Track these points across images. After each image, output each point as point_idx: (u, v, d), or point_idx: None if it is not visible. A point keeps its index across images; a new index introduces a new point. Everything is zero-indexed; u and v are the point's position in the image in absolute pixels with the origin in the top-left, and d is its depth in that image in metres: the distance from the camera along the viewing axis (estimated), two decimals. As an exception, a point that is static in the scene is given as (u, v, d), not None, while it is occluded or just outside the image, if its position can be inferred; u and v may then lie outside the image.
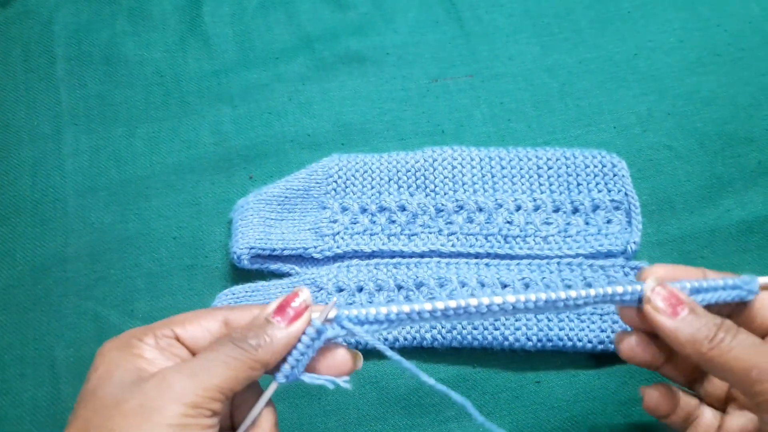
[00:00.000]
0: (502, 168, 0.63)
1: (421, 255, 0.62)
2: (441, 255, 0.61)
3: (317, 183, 0.64)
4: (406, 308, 0.40)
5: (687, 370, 0.47)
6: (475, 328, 0.57)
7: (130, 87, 0.71)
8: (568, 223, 0.61)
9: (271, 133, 0.69)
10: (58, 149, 0.68)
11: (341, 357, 0.41)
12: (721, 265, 0.62)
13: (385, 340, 0.58)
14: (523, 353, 0.59)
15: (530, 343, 0.57)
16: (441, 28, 0.74)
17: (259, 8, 0.75)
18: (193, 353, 0.40)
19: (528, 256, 0.60)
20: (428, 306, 0.40)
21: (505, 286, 0.59)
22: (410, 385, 0.59)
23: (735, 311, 0.44)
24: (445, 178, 0.63)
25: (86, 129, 0.69)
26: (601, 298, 0.42)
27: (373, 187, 0.63)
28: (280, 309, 0.40)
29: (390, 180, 0.63)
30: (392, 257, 0.62)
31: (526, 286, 0.59)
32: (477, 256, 0.61)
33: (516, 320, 0.57)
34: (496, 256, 0.61)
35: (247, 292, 0.60)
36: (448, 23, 0.74)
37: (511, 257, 0.61)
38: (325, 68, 0.72)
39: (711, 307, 0.42)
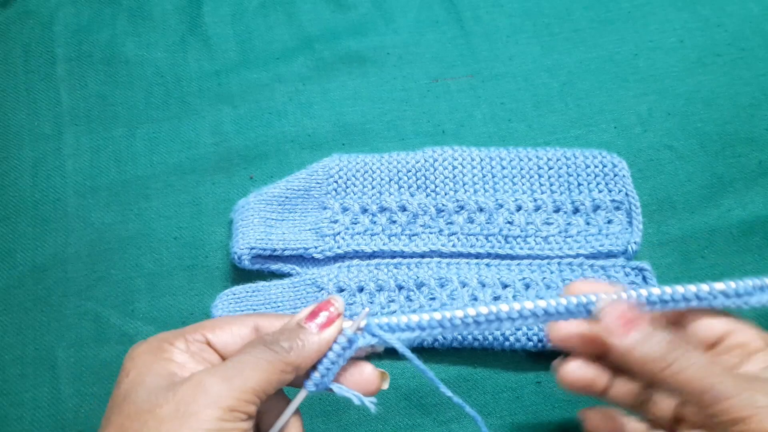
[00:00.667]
0: (503, 168, 0.63)
1: (422, 255, 0.61)
2: (442, 255, 0.61)
3: (318, 183, 0.64)
4: (437, 315, 0.40)
5: (630, 393, 0.46)
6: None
7: (130, 87, 0.71)
8: (568, 224, 0.61)
9: (271, 134, 0.69)
10: (58, 149, 0.68)
11: (368, 374, 0.41)
12: (722, 265, 0.62)
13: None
14: (523, 353, 0.59)
15: (531, 344, 0.57)
16: (441, 28, 0.74)
17: (260, 8, 0.75)
18: (224, 359, 0.40)
19: (529, 257, 0.60)
20: (459, 313, 0.40)
21: (505, 286, 0.59)
22: (411, 386, 0.59)
23: (678, 319, 0.44)
24: (445, 178, 0.63)
25: (87, 129, 0.69)
26: (553, 310, 0.41)
27: (373, 188, 0.63)
28: (313, 315, 0.40)
29: (390, 180, 0.63)
30: (393, 257, 0.62)
31: (527, 286, 0.59)
32: (478, 256, 0.61)
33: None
34: (497, 256, 0.61)
35: (247, 292, 0.60)
36: (449, 23, 0.74)
37: (512, 257, 0.61)
38: (325, 68, 0.72)
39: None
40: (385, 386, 0.42)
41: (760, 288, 0.42)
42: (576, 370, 0.44)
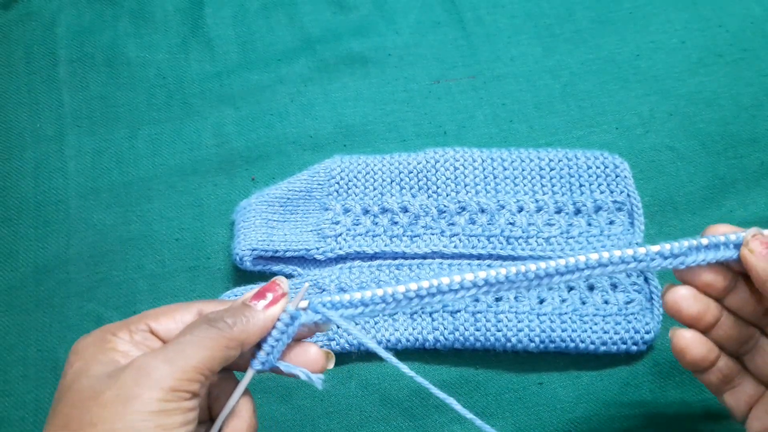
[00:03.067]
0: (505, 169, 0.63)
1: (424, 256, 0.61)
2: (443, 256, 0.61)
3: (319, 184, 0.64)
4: (379, 291, 0.41)
5: (738, 336, 0.45)
6: (477, 330, 0.57)
7: (132, 89, 0.71)
8: (570, 224, 0.61)
9: (273, 135, 0.69)
10: (60, 151, 0.68)
11: (314, 354, 0.42)
12: (724, 266, 0.62)
13: (387, 341, 0.58)
14: (525, 355, 0.59)
15: (533, 345, 0.57)
16: (442, 29, 0.74)
17: (261, 10, 0.75)
18: None
19: (530, 257, 0.60)
20: (401, 288, 0.41)
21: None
22: (413, 387, 0.59)
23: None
24: (447, 179, 0.63)
25: (89, 131, 0.69)
26: (493, 280, 0.41)
27: (375, 189, 0.63)
28: (258, 295, 0.41)
29: (392, 181, 0.63)
30: (394, 259, 0.62)
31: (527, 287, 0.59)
32: (479, 257, 0.61)
33: (519, 321, 0.57)
34: (499, 257, 0.61)
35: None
36: (450, 24, 0.74)
37: (514, 258, 0.61)
38: (326, 69, 0.72)
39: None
40: (330, 366, 0.43)
41: (696, 248, 0.42)
42: (687, 297, 0.44)
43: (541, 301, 0.58)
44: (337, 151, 0.67)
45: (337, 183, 0.63)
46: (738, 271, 0.44)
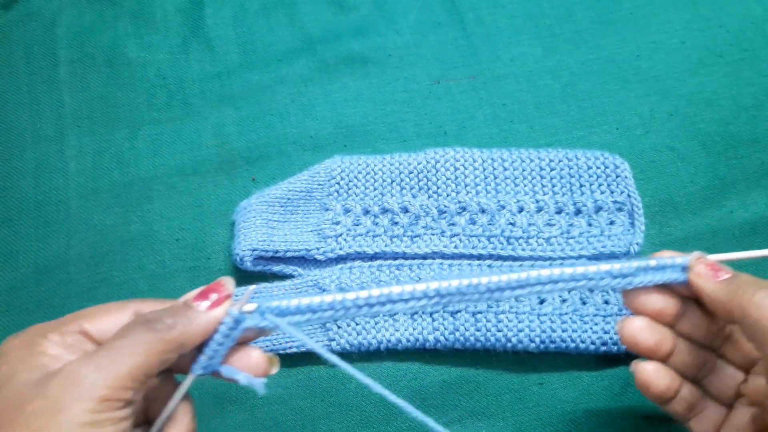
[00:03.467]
0: (505, 169, 0.63)
1: (424, 257, 0.62)
2: (443, 257, 0.61)
3: (319, 185, 0.64)
4: (328, 298, 0.40)
5: (695, 361, 0.45)
6: (477, 330, 0.57)
7: (132, 89, 0.71)
8: (570, 225, 0.61)
9: (273, 135, 0.69)
10: (61, 151, 0.68)
11: (255, 358, 0.40)
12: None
13: (388, 341, 0.58)
14: (525, 355, 0.59)
15: (533, 345, 0.57)
16: (443, 29, 0.74)
17: (261, 10, 0.75)
18: None
19: (531, 258, 0.60)
20: (351, 295, 0.40)
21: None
22: (414, 387, 0.59)
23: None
24: (447, 179, 0.63)
25: (89, 131, 0.69)
26: (452, 290, 0.41)
27: (375, 189, 0.63)
28: (201, 296, 0.39)
29: (392, 181, 0.63)
30: (395, 259, 0.62)
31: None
32: (480, 257, 0.61)
33: (519, 322, 0.57)
34: (499, 257, 0.61)
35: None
36: (450, 24, 0.74)
37: (514, 259, 0.61)
38: (327, 70, 0.72)
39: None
40: (274, 371, 0.41)
41: (644, 269, 0.43)
42: (643, 329, 0.44)
43: (542, 302, 0.58)
44: (337, 152, 0.67)
45: (338, 183, 0.63)
46: (686, 296, 0.45)
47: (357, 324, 0.59)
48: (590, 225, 0.61)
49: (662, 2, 0.74)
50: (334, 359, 0.40)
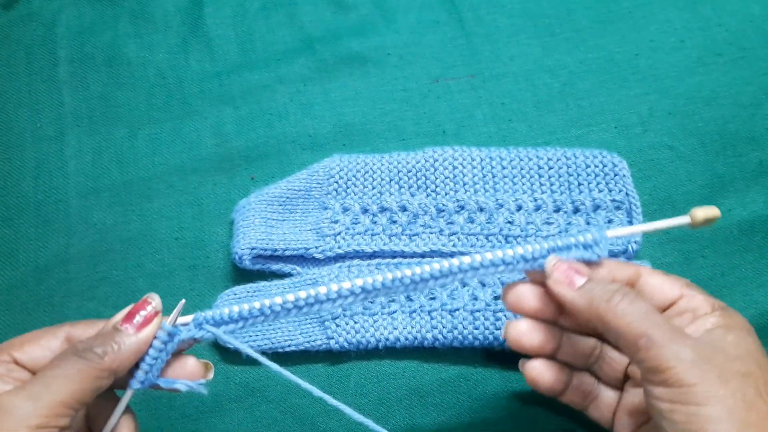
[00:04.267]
0: (503, 168, 0.63)
1: (422, 255, 0.62)
2: (442, 255, 0.61)
3: (318, 183, 0.64)
4: (257, 304, 0.41)
5: (581, 352, 0.47)
6: (476, 328, 0.57)
7: (132, 88, 0.72)
8: (569, 223, 0.61)
9: (272, 134, 0.69)
10: (60, 151, 0.69)
11: (191, 367, 0.41)
12: (722, 264, 0.62)
13: (386, 340, 0.58)
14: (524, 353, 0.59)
15: (531, 343, 0.57)
16: (442, 28, 0.74)
17: (261, 10, 0.76)
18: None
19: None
20: (279, 300, 0.41)
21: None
22: (412, 385, 0.59)
23: (634, 281, 0.45)
24: (446, 178, 0.63)
25: (89, 130, 0.70)
26: (505, 261, 0.43)
27: (374, 188, 0.63)
28: (129, 317, 0.40)
29: (391, 180, 0.63)
30: (393, 257, 0.62)
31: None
32: (478, 256, 0.61)
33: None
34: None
35: (248, 292, 0.60)
36: (449, 23, 0.74)
37: (512, 257, 0.61)
38: (326, 69, 0.72)
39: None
40: (210, 376, 0.42)
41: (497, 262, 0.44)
42: (526, 331, 0.45)
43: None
44: (336, 151, 0.67)
45: (336, 182, 0.64)
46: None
47: (355, 322, 0.59)
48: (588, 223, 0.61)
49: (661, 1, 0.74)
50: (268, 362, 0.42)
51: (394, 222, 0.62)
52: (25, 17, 0.75)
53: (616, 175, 0.62)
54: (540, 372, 0.46)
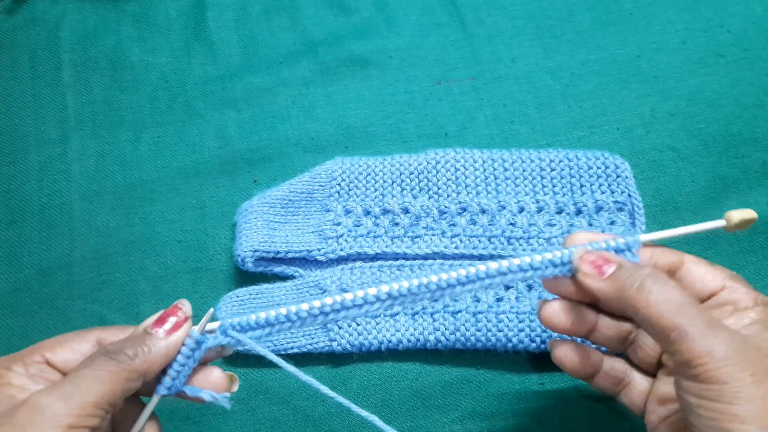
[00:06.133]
0: (505, 170, 0.63)
1: (425, 257, 0.62)
2: (444, 257, 0.61)
3: (321, 186, 0.64)
4: (283, 311, 0.41)
5: (617, 335, 0.47)
6: (478, 330, 0.57)
7: (135, 92, 0.72)
8: (571, 225, 0.61)
9: (275, 137, 0.69)
10: (64, 154, 0.69)
11: (216, 378, 0.42)
12: (726, 265, 0.61)
13: (389, 342, 0.58)
14: (526, 355, 0.59)
15: (533, 345, 0.57)
16: (443, 30, 0.74)
17: (263, 13, 0.76)
18: None
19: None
20: (305, 306, 0.41)
21: (508, 287, 0.59)
22: (414, 387, 0.59)
23: (675, 270, 0.45)
24: (448, 180, 0.63)
25: (92, 134, 0.70)
26: (531, 267, 0.42)
27: (376, 190, 0.63)
28: (160, 321, 0.40)
29: (393, 182, 0.64)
30: (396, 259, 0.62)
31: (529, 287, 0.59)
32: (480, 257, 0.61)
33: (519, 322, 0.57)
34: (500, 257, 0.61)
35: (251, 294, 0.60)
36: (451, 26, 0.74)
37: (515, 259, 0.61)
38: (328, 72, 0.72)
39: None
40: (234, 388, 0.43)
41: (552, 263, 0.43)
42: (559, 311, 0.45)
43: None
44: (338, 153, 0.67)
45: (339, 184, 0.64)
46: None
47: (358, 325, 0.59)
48: (591, 225, 0.61)
49: (663, 2, 0.74)
50: (290, 368, 0.41)
51: (397, 224, 0.62)
52: (29, 21, 0.76)
53: (618, 176, 0.62)
54: (567, 353, 0.46)
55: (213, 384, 0.42)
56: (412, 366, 0.60)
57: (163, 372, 0.40)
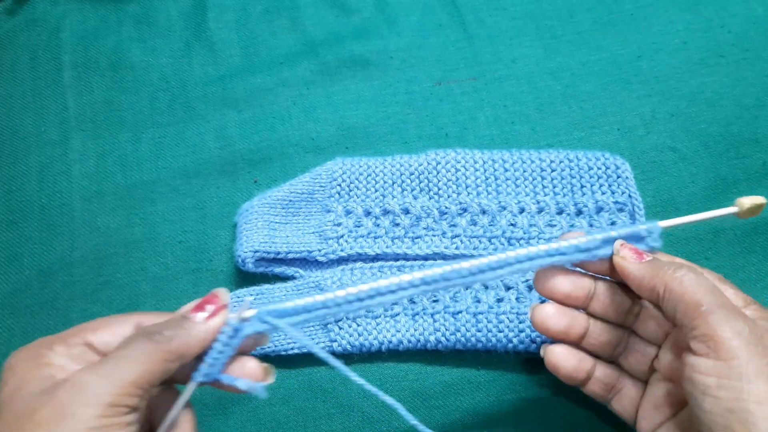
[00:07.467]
0: (506, 170, 0.63)
1: (425, 258, 0.62)
2: (445, 257, 0.61)
3: (321, 186, 0.64)
4: (320, 297, 0.41)
5: (608, 342, 0.47)
6: (479, 331, 0.57)
7: (136, 93, 0.72)
8: (571, 225, 0.61)
9: (275, 138, 0.69)
10: (65, 155, 0.69)
11: (251, 368, 0.42)
12: (726, 266, 0.61)
13: (389, 342, 0.58)
14: (527, 355, 0.59)
15: (534, 346, 0.57)
16: (444, 31, 0.74)
17: (264, 14, 0.76)
18: None
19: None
20: (341, 293, 0.41)
21: (508, 288, 0.59)
22: (415, 388, 0.59)
23: None
24: (448, 180, 0.63)
25: (93, 134, 0.70)
26: (561, 251, 0.44)
27: (376, 191, 0.63)
28: (199, 307, 0.40)
29: (394, 183, 0.64)
30: (396, 260, 0.62)
31: (530, 288, 0.59)
32: (481, 258, 0.61)
33: (520, 322, 0.57)
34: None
35: (251, 295, 0.60)
36: (451, 26, 0.74)
37: (515, 259, 0.61)
38: (329, 72, 0.72)
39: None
40: (271, 380, 0.42)
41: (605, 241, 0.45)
42: (552, 314, 0.46)
43: (543, 302, 0.58)
44: (338, 154, 0.67)
45: (339, 185, 0.64)
46: (594, 277, 0.46)
47: (358, 325, 0.59)
48: (591, 226, 0.61)
49: (664, 3, 0.74)
50: (332, 360, 0.42)
51: (397, 225, 0.62)
52: (29, 22, 0.76)
53: (618, 177, 0.62)
54: (561, 357, 0.46)
55: (248, 374, 0.41)
56: (412, 366, 0.60)
57: (200, 360, 0.40)
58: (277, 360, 0.58)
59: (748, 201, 0.45)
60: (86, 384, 0.35)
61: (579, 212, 0.61)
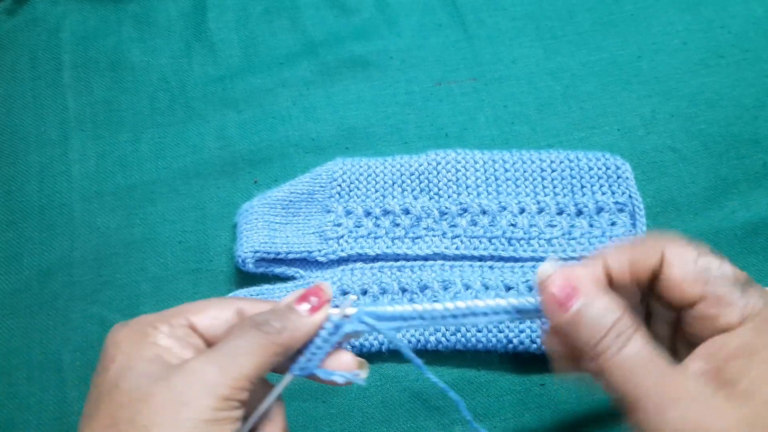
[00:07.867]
0: (506, 171, 0.63)
1: (425, 258, 0.62)
2: (445, 258, 0.61)
3: (321, 187, 0.64)
4: (419, 307, 0.41)
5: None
6: (479, 331, 0.57)
7: (135, 93, 0.72)
8: (572, 226, 0.61)
9: (275, 138, 0.69)
10: (64, 155, 0.69)
11: (346, 362, 0.41)
12: (727, 266, 0.61)
13: (389, 342, 0.58)
14: (527, 356, 0.59)
15: (534, 346, 0.57)
16: (444, 31, 0.74)
17: (264, 14, 0.76)
18: (207, 342, 0.39)
19: (532, 259, 0.60)
20: (439, 306, 0.41)
21: (509, 288, 0.59)
22: (415, 388, 0.59)
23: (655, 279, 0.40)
24: (448, 181, 0.63)
25: (92, 135, 0.70)
26: (524, 306, 0.41)
27: (377, 191, 0.63)
28: (303, 298, 0.40)
29: (394, 183, 0.64)
30: (396, 260, 0.62)
31: (530, 288, 0.59)
32: (481, 258, 0.61)
33: (520, 323, 0.57)
34: (500, 258, 0.61)
35: (251, 295, 0.60)
36: (452, 27, 0.74)
37: (515, 260, 0.61)
38: (329, 73, 0.72)
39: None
40: (364, 375, 0.42)
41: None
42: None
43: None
44: (339, 154, 0.67)
45: (339, 185, 0.64)
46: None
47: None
48: (592, 226, 0.61)
49: (664, 3, 0.74)
50: (429, 375, 0.42)
51: (397, 225, 0.62)
52: (29, 22, 0.76)
53: (619, 177, 0.62)
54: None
55: (344, 368, 0.41)
56: (412, 366, 0.59)
57: (298, 352, 0.40)
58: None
59: None
60: (204, 373, 0.35)
61: (579, 212, 0.61)
